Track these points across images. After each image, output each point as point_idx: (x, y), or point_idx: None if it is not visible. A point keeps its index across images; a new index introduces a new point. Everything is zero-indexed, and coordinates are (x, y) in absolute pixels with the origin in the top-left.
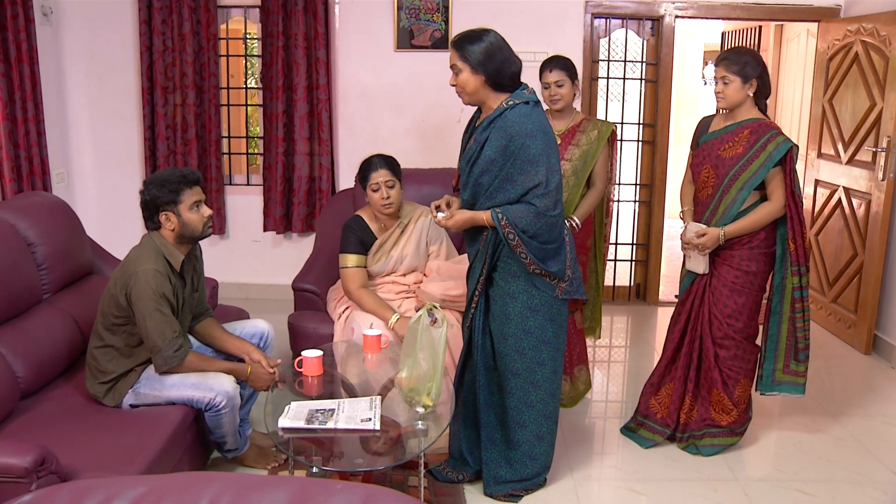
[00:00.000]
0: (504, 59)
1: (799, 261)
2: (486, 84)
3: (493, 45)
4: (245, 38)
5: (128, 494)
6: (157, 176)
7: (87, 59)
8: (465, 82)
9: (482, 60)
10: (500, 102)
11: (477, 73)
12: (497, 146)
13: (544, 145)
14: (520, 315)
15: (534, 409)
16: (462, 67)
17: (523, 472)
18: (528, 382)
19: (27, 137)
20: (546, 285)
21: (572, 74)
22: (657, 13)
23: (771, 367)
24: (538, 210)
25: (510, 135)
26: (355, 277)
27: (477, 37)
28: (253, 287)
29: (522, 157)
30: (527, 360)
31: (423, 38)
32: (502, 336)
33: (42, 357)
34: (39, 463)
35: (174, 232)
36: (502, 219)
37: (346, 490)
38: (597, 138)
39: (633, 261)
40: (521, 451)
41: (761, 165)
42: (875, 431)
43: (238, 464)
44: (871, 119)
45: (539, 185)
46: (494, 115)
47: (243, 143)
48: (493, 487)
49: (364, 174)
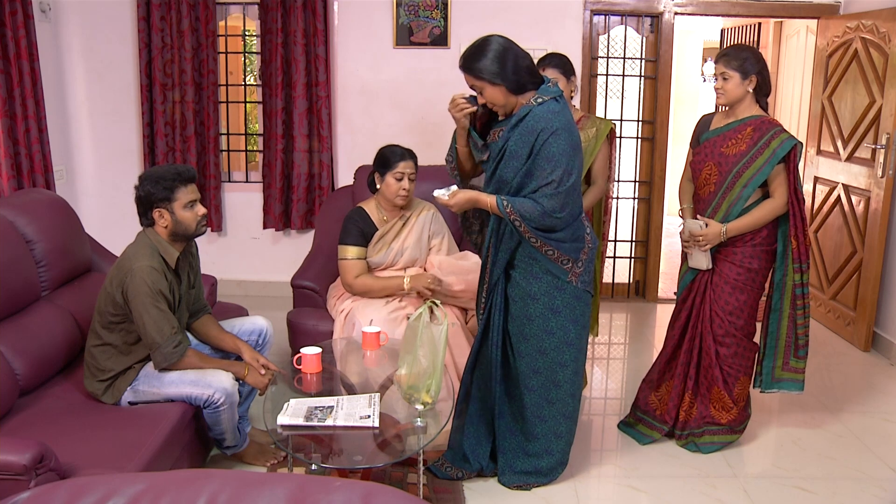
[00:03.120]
0: (514, 60)
1: (800, 258)
2: (510, 91)
3: (500, 51)
4: (244, 34)
5: (126, 492)
6: (152, 172)
7: (86, 56)
8: (492, 98)
9: (496, 71)
10: (528, 100)
11: (496, 85)
12: (524, 142)
13: (567, 145)
14: (541, 316)
15: (554, 407)
16: (482, 86)
17: (539, 465)
18: (550, 381)
19: (27, 135)
20: (560, 270)
21: (567, 71)
22: (656, 10)
23: (771, 364)
24: (544, 209)
25: (536, 131)
26: (353, 268)
27: (481, 52)
28: (252, 284)
29: (544, 153)
30: (548, 359)
31: (423, 35)
32: (522, 336)
33: (41, 354)
34: (38, 460)
35: (167, 229)
36: (507, 206)
37: (346, 487)
38: (595, 136)
39: (633, 258)
40: (538, 444)
41: (765, 162)
42: (874, 428)
43: (237, 461)
44: (871, 116)
45: (550, 184)
46: (524, 113)
47: (242, 140)
48: (508, 477)
49: (387, 161)
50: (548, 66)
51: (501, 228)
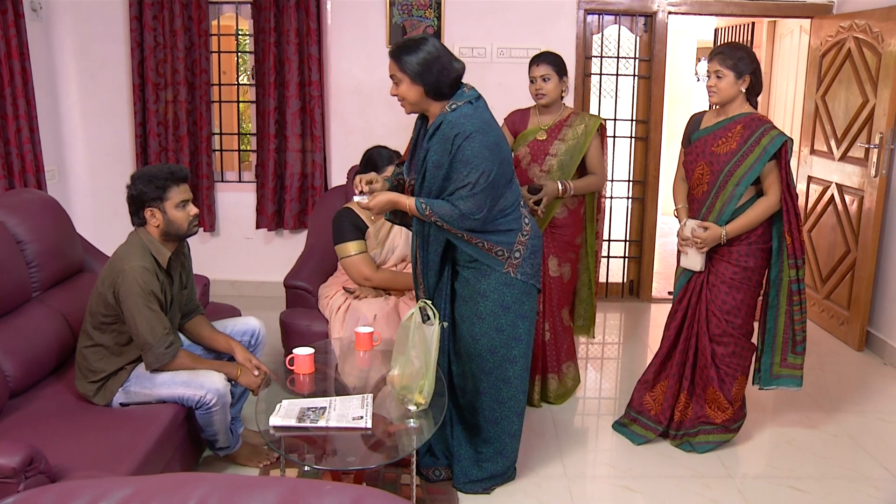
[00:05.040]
0: (442, 68)
1: (796, 253)
2: (426, 95)
3: (431, 56)
4: (237, 34)
5: (114, 496)
6: (144, 171)
7: (78, 56)
8: (405, 93)
9: (420, 72)
10: (442, 108)
11: (416, 84)
12: (442, 150)
13: (482, 147)
14: (492, 314)
15: (505, 406)
16: (401, 78)
17: (493, 470)
18: (500, 380)
19: (18, 134)
20: (495, 261)
21: (560, 70)
22: (650, 9)
23: (769, 360)
24: (461, 212)
25: (451, 136)
26: (365, 261)
27: (415, 47)
28: (245, 284)
29: (459, 157)
30: (498, 357)
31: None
32: (472, 338)
33: (32, 355)
34: (27, 463)
35: (159, 229)
36: (426, 209)
37: (336, 491)
38: (583, 132)
39: (627, 257)
40: (492, 447)
41: (756, 160)
42: (869, 428)
43: (230, 462)
44: (864, 115)
45: (466, 186)
46: (438, 122)
47: (235, 140)
48: (464, 486)
49: (375, 164)
50: (540, 63)
51: (426, 230)
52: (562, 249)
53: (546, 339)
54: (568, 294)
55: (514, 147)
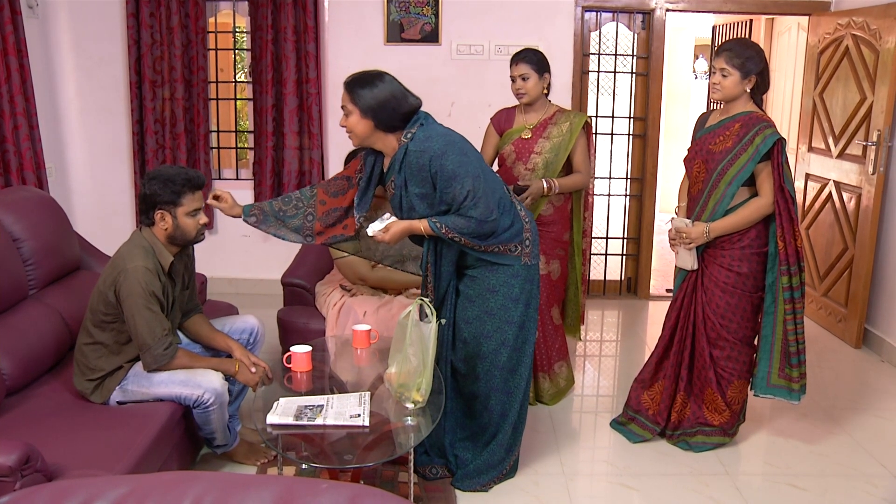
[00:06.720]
0: (395, 106)
1: (788, 260)
2: (376, 128)
3: (384, 92)
4: (234, 31)
5: (110, 495)
6: (161, 172)
7: (75, 53)
8: (354, 125)
9: (372, 107)
10: (397, 141)
11: (366, 118)
12: (418, 181)
13: (457, 156)
14: (502, 308)
15: (513, 396)
16: (352, 110)
17: (491, 460)
18: (509, 372)
19: (16, 132)
20: (511, 258)
21: (539, 68)
22: (648, 6)
23: (766, 368)
24: (478, 219)
25: (425, 164)
26: (361, 262)
27: (370, 81)
28: (242, 282)
29: (443, 176)
30: (510, 349)
31: (413, 32)
32: (483, 335)
33: (28, 353)
34: (24, 461)
35: (166, 232)
36: (442, 227)
37: (332, 490)
38: (569, 130)
39: (624, 255)
40: (487, 433)
41: (749, 159)
42: (866, 425)
43: (228, 459)
44: (862, 113)
45: (467, 197)
46: (401, 157)
47: (232, 138)
48: (462, 483)
49: None
50: (519, 62)
51: (438, 247)
52: (549, 247)
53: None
54: (558, 292)
55: (500, 145)
